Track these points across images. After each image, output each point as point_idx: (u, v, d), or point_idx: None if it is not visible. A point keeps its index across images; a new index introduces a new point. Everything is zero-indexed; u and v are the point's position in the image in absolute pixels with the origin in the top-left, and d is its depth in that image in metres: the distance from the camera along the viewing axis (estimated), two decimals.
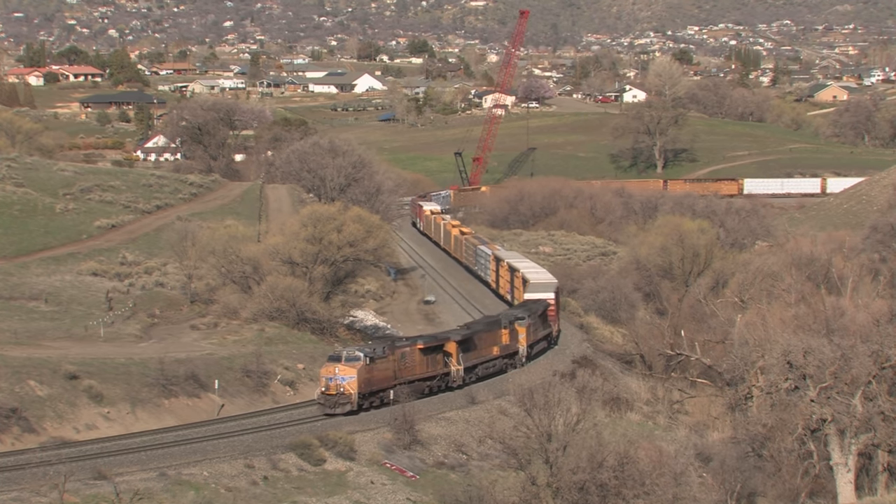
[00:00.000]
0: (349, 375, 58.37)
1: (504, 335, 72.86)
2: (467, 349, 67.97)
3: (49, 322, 77.00)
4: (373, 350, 59.98)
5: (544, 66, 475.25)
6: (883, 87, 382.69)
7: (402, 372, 61.72)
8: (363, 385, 58.76)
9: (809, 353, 59.44)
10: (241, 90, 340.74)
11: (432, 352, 64.47)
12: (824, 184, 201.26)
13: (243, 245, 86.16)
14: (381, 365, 59.93)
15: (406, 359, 62.04)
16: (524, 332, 75.22)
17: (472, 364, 68.44)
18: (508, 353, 73.37)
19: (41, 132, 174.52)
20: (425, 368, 63.92)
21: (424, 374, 63.87)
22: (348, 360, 58.86)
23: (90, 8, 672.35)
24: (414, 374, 62.92)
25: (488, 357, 70.86)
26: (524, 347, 75.42)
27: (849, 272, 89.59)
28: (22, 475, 46.65)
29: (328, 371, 58.81)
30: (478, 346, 69.55)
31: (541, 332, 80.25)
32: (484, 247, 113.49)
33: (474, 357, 68.93)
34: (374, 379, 59.55)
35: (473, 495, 52.75)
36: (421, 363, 63.39)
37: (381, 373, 59.93)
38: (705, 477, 56.44)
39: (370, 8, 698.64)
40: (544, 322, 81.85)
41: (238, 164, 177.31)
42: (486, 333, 71.11)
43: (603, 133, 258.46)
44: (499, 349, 72.05)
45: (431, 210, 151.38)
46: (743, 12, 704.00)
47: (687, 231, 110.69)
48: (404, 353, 62.09)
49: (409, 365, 62.41)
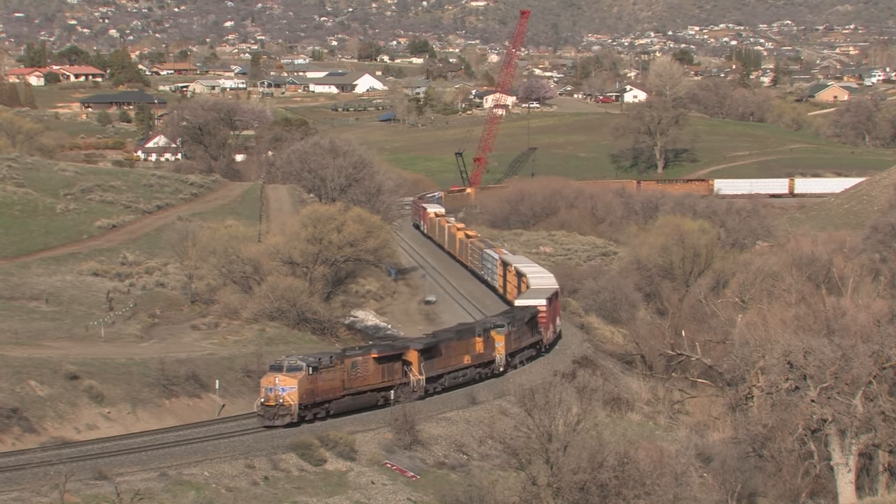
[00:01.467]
0: (290, 386, 55.98)
1: (477, 344, 70.17)
2: (431, 358, 65.38)
3: (50, 322, 77.01)
4: (317, 359, 57.64)
5: (545, 66, 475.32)
6: (883, 88, 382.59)
7: (352, 382, 59.28)
8: (305, 396, 56.39)
9: (810, 354, 59.46)
10: (242, 90, 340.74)
11: (389, 361, 61.91)
12: (792, 184, 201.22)
13: (244, 245, 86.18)
14: (327, 375, 57.59)
15: (357, 368, 59.59)
16: (502, 341, 72.42)
17: (437, 374, 65.82)
18: (482, 362, 70.63)
19: (42, 132, 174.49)
20: (380, 378, 61.30)
21: (379, 385, 61.28)
22: (290, 369, 56.54)
23: (91, 8, 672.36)
24: (367, 384, 60.40)
25: (458, 366, 68.23)
26: (502, 356, 72.60)
27: (849, 272, 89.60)
28: (22, 475, 46.67)
29: (268, 381, 56.42)
30: (445, 354, 66.86)
31: (526, 340, 77.41)
32: (490, 250, 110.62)
33: (440, 366, 66.31)
34: (319, 389, 57.19)
35: (474, 495, 52.78)
36: (375, 373, 60.85)
37: (326, 383, 57.56)
38: (706, 477, 56.46)
39: (371, 8, 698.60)
40: (532, 329, 79.16)
41: (239, 165, 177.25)
42: (456, 342, 68.41)
43: (603, 133, 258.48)
44: (470, 358, 69.41)
45: (435, 212, 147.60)
46: (743, 12, 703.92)
47: (687, 231, 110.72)
48: (355, 362, 59.68)
49: (362, 374, 59.91)
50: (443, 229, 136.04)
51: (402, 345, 65.10)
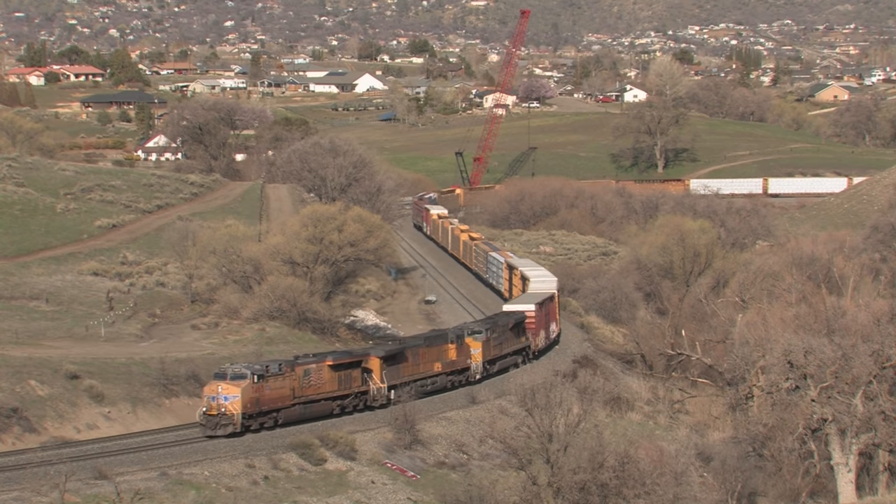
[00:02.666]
0: (233, 394, 53.78)
1: (450, 350, 68.31)
2: (395, 365, 63.53)
3: (50, 322, 77.03)
4: (264, 367, 55.58)
5: (545, 65, 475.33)
6: (884, 87, 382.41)
7: (304, 390, 57.26)
8: (249, 405, 54.34)
9: (810, 353, 59.46)
10: (242, 90, 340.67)
11: (346, 368, 60.10)
12: (766, 184, 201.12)
13: (244, 245, 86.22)
14: (275, 383, 55.56)
15: (310, 376, 57.64)
16: (479, 348, 70.57)
17: (402, 381, 63.87)
18: (455, 369, 68.72)
19: (42, 132, 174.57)
20: (336, 386, 59.32)
21: (334, 393, 59.36)
22: (233, 377, 54.37)
23: (91, 8, 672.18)
24: (321, 392, 58.46)
25: (427, 374, 66.23)
26: (478, 364, 70.76)
27: (849, 272, 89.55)
28: (23, 475, 46.68)
29: (211, 390, 54.23)
30: (412, 361, 65.01)
31: (509, 347, 75.65)
32: (496, 254, 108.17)
33: (406, 374, 64.39)
34: (265, 398, 55.15)
35: (474, 495, 52.79)
36: (331, 381, 58.90)
37: (274, 392, 55.56)
38: (706, 477, 56.46)
39: (371, 8, 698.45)
40: (517, 335, 77.24)
41: (239, 164, 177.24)
42: (425, 348, 66.44)
43: (604, 133, 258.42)
44: (442, 365, 67.40)
45: (439, 214, 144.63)
46: (744, 12, 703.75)
47: (688, 231, 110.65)
48: (308, 369, 57.65)
49: (315, 383, 58.00)
50: (446, 231, 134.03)
51: (362, 352, 63.09)
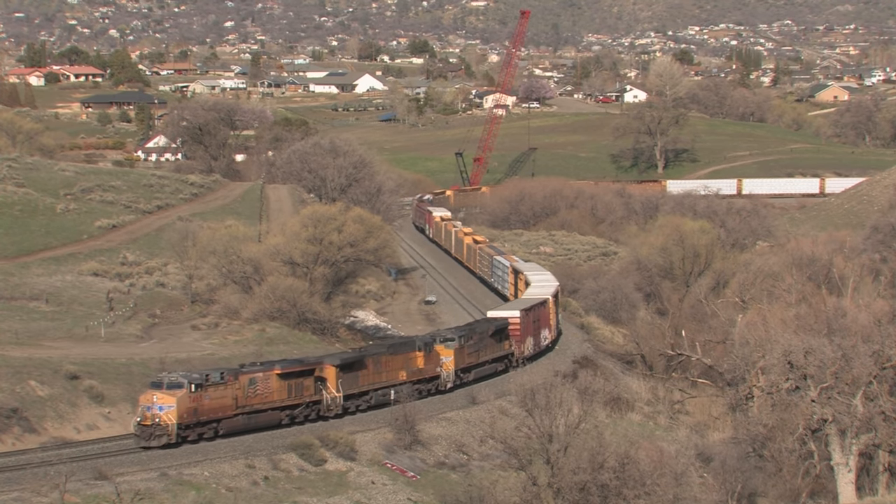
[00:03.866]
0: (168, 404, 51.99)
1: (418, 358, 66.19)
2: (353, 374, 61.44)
3: (50, 322, 77.03)
4: (203, 376, 53.66)
5: (545, 66, 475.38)
6: (884, 88, 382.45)
7: (249, 400, 55.30)
8: (186, 415, 52.44)
9: (810, 354, 59.48)
10: (242, 90, 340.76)
11: (297, 377, 57.95)
12: (740, 185, 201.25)
13: (244, 245, 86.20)
14: (216, 392, 53.67)
15: (256, 385, 55.64)
16: (451, 356, 68.48)
17: (361, 390, 61.89)
18: (423, 378, 66.53)
19: (42, 132, 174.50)
20: (285, 396, 57.20)
21: (283, 403, 57.18)
22: (169, 386, 52.49)
23: (91, 8, 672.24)
24: (268, 401, 56.31)
25: (391, 382, 64.07)
26: (449, 373, 68.48)
27: (850, 272, 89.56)
28: (23, 475, 46.71)
29: (146, 399, 52.51)
30: (373, 370, 62.88)
31: (488, 355, 73.32)
32: (501, 258, 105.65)
33: (365, 382, 62.32)
34: (204, 408, 53.22)
35: (474, 495, 52.80)
36: (280, 390, 56.82)
37: (214, 401, 53.64)
38: (706, 477, 56.48)
39: (371, 8, 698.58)
40: (498, 342, 74.93)
41: (239, 165, 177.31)
42: (388, 356, 64.20)
43: (604, 133, 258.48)
44: (407, 374, 65.17)
45: (441, 216, 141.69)
46: (744, 12, 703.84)
47: (688, 231, 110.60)
48: (253, 378, 55.65)
49: (262, 392, 55.97)
50: (449, 234, 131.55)
51: (315, 360, 61.02)
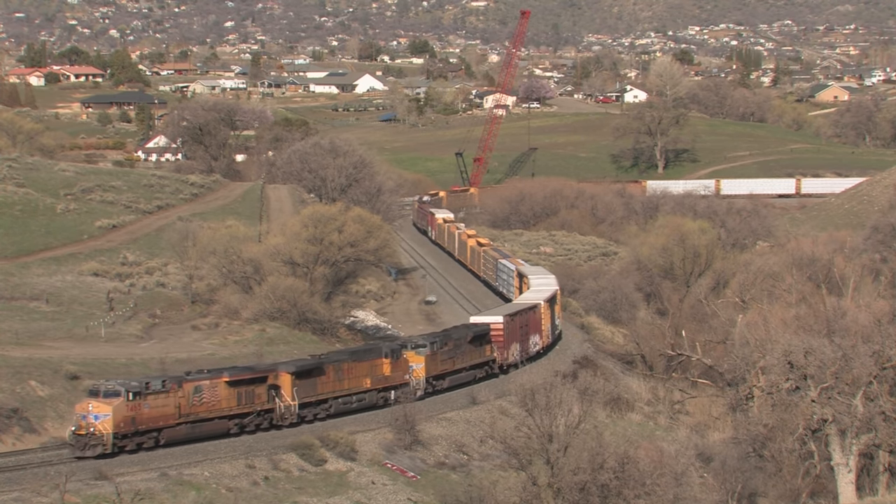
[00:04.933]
0: (103, 413, 50.28)
1: (384, 365, 64.11)
2: (311, 381, 59.34)
3: (50, 322, 77.07)
4: (142, 384, 51.93)
5: (545, 66, 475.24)
6: (884, 88, 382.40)
7: (194, 408, 53.53)
8: (123, 424, 50.70)
9: (810, 354, 59.47)
10: (242, 90, 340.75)
11: (248, 384, 56.10)
12: (718, 185, 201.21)
13: (244, 245, 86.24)
14: (156, 401, 51.90)
15: (202, 393, 53.90)
16: (422, 363, 66.71)
17: (320, 398, 59.95)
18: (390, 385, 64.57)
19: (42, 132, 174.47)
20: (234, 404, 55.37)
21: (233, 411, 55.37)
22: (106, 395, 50.91)
23: (91, 8, 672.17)
24: (216, 410, 54.44)
25: (353, 390, 62.04)
26: (420, 380, 66.52)
27: (850, 272, 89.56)
28: (23, 475, 46.74)
29: (82, 408, 50.89)
30: (333, 377, 60.83)
31: (466, 361, 71.39)
32: (506, 261, 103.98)
33: (324, 390, 60.26)
34: (143, 417, 51.46)
35: (474, 496, 52.81)
36: (228, 398, 54.97)
37: (155, 410, 51.88)
38: (706, 477, 56.50)
39: (371, 8, 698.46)
40: (478, 348, 73.10)
41: (239, 165, 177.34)
42: (351, 363, 62.26)
43: (604, 133, 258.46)
44: (372, 381, 63.19)
45: (444, 218, 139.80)
46: (744, 12, 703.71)
47: (688, 231, 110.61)
48: (199, 386, 53.87)
49: (209, 400, 54.15)
50: (452, 236, 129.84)
51: (267, 367, 59.18)
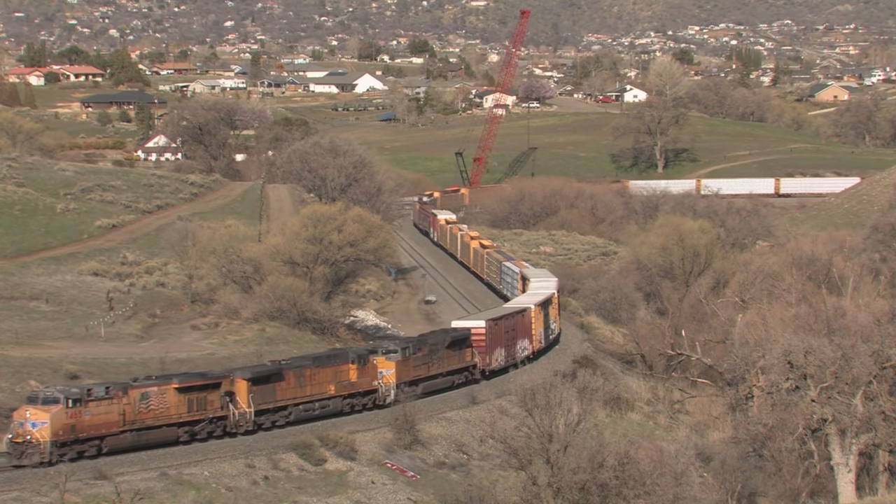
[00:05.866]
0: (41, 420, 48.87)
1: (350, 371, 62.53)
2: (268, 388, 57.68)
3: (50, 322, 77.06)
4: (84, 391, 50.39)
5: (545, 65, 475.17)
6: (884, 87, 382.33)
7: (141, 416, 51.99)
8: (62, 432, 49.17)
9: (810, 353, 59.47)
10: (242, 90, 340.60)
11: (200, 391, 54.52)
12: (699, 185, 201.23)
13: (244, 245, 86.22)
14: (98, 408, 50.40)
15: (149, 400, 52.34)
16: (392, 368, 65.04)
17: (279, 405, 58.26)
18: (356, 392, 63.05)
19: (42, 132, 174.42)
20: (184, 411, 53.69)
21: (183, 418, 53.78)
22: (44, 401, 49.49)
23: (91, 8, 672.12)
24: (164, 417, 52.94)
25: (315, 397, 60.38)
26: (390, 386, 64.82)
27: (849, 272, 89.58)
28: (23, 475, 46.77)
29: (20, 415, 49.51)
30: (293, 383, 59.06)
31: (443, 367, 69.76)
32: (510, 264, 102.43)
33: (284, 397, 58.53)
34: (84, 425, 49.88)
35: (474, 495, 52.82)
36: (177, 405, 53.37)
37: (97, 417, 50.36)
38: (706, 477, 56.50)
39: (371, 8, 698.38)
40: (458, 353, 71.64)
41: (239, 164, 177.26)
42: (314, 369, 60.47)
43: (604, 133, 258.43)
44: (336, 388, 61.53)
45: (446, 219, 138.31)
46: (744, 12, 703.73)
47: (687, 231, 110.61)
48: (146, 393, 52.27)
49: (156, 407, 52.58)
50: (455, 238, 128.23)
51: (221, 373, 57.29)
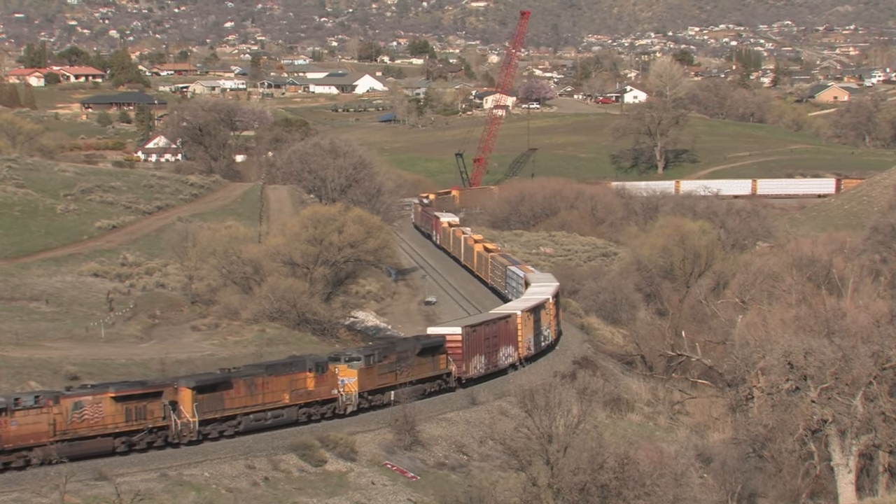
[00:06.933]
0: None
1: (307, 379, 60.32)
2: (216, 397, 55.66)
3: (50, 323, 77.07)
4: (10, 400, 49.02)
5: (545, 66, 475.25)
6: (884, 88, 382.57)
7: (74, 425, 50.14)
8: None
9: (810, 354, 59.51)
10: (242, 91, 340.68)
11: (139, 400, 52.66)
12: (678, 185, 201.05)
13: (244, 246, 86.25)
14: (25, 418, 48.78)
15: (83, 409, 50.54)
16: (354, 376, 62.98)
17: (226, 415, 56.10)
18: (313, 400, 60.73)
19: (42, 133, 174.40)
20: (122, 420, 51.82)
21: (120, 428, 51.75)
22: None
23: (91, 9, 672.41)
24: (99, 427, 51.05)
25: (268, 406, 58.11)
26: (352, 394, 62.72)
27: (849, 273, 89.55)
28: (23, 476, 46.80)
29: None
30: (244, 392, 57.06)
31: (412, 375, 67.20)
32: (515, 268, 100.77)
33: (233, 406, 56.33)
34: (10, 435, 48.35)
35: (474, 496, 52.83)
36: (115, 414, 51.55)
37: (24, 427, 48.77)
38: (706, 478, 56.51)
39: (371, 9, 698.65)
40: (430, 361, 69.17)
41: (239, 165, 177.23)
42: (266, 377, 58.44)
43: (604, 134, 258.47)
44: (292, 396, 59.31)
45: (449, 222, 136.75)
46: (744, 13, 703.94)
47: (688, 232, 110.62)
48: (79, 402, 50.53)
49: (91, 417, 50.80)
50: (458, 241, 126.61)
51: (162, 382, 55.59)
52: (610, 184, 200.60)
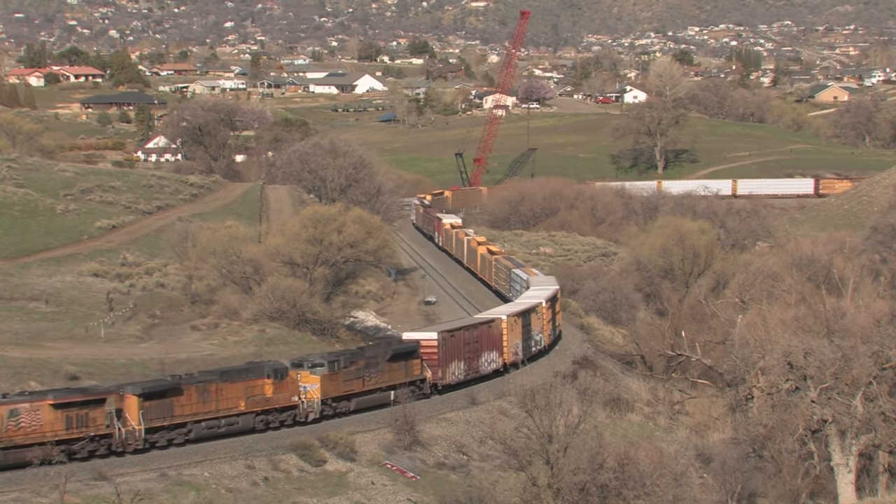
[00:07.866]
0: None
1: (265, 386, 58.63)
2: (164, 404, 53.97)
3: (50, 323, 77.06)
4: None
5: (545, 66, 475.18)
6: (883, 88, 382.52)
7: (10, 433, 48.83)
8: None
9: (810, 354, 59.51)
10: (242, 91, 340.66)
11: (80, 407, 50.97)
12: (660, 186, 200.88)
13: (244, 246, 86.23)
14: None
15: (19, 417, 49.13)
16: (317, 383, 61.17)
17: (176, 422, 54.43)
18: (272, 408, 58.92)
19: (42, 133, 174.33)
20: (61, 428, 50.15)
21: (59, 437, 50.01)
22: None
23: (91, 9, 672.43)
24: (37, 435, 49.37)
25: (222, 413, 56.41)
26: (314, 401, 60.92)
27: (849, 273, 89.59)
28: (23, 475, 46.80)
29: None
30: (196, 399, 55.29)
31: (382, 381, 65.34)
32: (520, 271, 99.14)
33: (183, 413, 54.66)
34: None
35: (474, 496, 52.84)
36: (54, 422, 49.94)
37: None
38: (706, 478, 56.51)
39: (371, 9, 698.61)
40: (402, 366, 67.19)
41: (239, 165, 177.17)
42: (221, 384, 56.68)
43: (603, 134, 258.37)
44: (248, 404, 57.60)
45: (451, 223, 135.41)
46: (743, 13, 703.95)
47: (687, 232, 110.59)
48: (15, 410, 49.09)
49: (27, 425, 49.23)
50: (461, 243, 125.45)
51: (106, 389, 53.65)
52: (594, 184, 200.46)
